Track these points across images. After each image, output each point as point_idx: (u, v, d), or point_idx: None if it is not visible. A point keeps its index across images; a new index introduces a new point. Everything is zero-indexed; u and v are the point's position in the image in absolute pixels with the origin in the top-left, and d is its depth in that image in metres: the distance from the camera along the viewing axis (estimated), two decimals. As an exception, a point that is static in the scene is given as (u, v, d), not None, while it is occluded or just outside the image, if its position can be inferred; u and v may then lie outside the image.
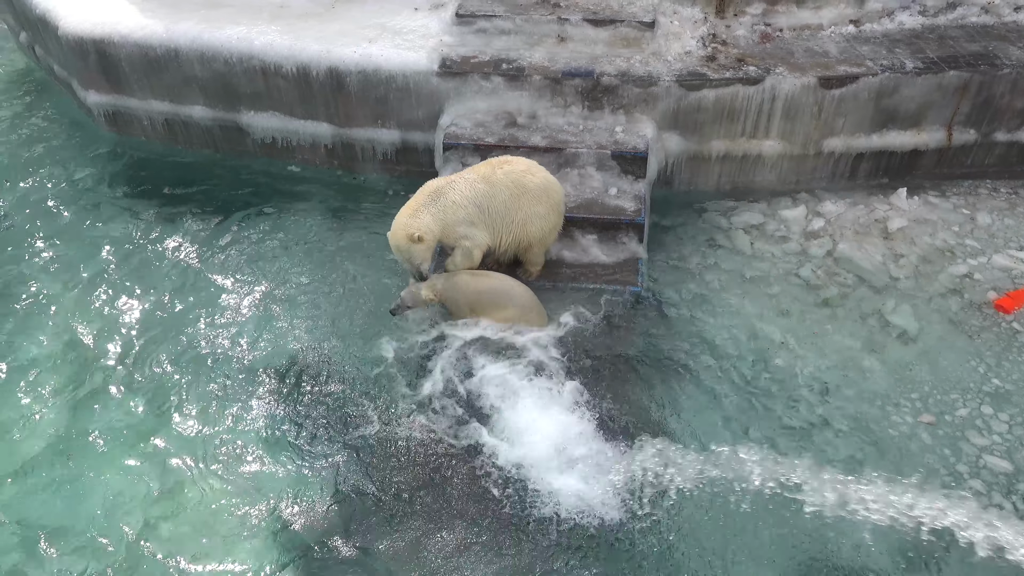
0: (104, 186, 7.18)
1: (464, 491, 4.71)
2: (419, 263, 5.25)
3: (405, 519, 4.61)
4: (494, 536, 4.51)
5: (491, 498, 4.66)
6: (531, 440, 4.86)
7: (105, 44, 6.98)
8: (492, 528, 4.54)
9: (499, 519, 4.57)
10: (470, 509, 4.63)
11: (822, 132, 6.42)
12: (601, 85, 6.26)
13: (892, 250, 6.09)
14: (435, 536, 4.53)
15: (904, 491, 4.53)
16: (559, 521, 4.51)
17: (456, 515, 4.61)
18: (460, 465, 4.82)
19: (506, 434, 4.91)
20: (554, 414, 5.01)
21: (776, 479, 4.63)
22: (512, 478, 4.72)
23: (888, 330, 5.54)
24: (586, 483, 4.66)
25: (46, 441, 5.08)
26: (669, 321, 5.68)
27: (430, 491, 4.73)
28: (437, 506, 4.66)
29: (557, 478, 4.69)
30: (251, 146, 7.28)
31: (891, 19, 6.74)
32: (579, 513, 4.54)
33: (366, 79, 6.51)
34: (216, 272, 6.23)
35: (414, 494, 4.72)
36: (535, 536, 4.48)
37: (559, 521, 4.51)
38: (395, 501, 4.70)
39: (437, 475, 4.79)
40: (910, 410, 5.03)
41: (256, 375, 5.45)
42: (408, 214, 5.24)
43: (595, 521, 4.50)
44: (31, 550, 4.56)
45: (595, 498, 4.59)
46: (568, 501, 4.59)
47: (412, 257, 5.22)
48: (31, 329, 5.83)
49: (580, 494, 4.61)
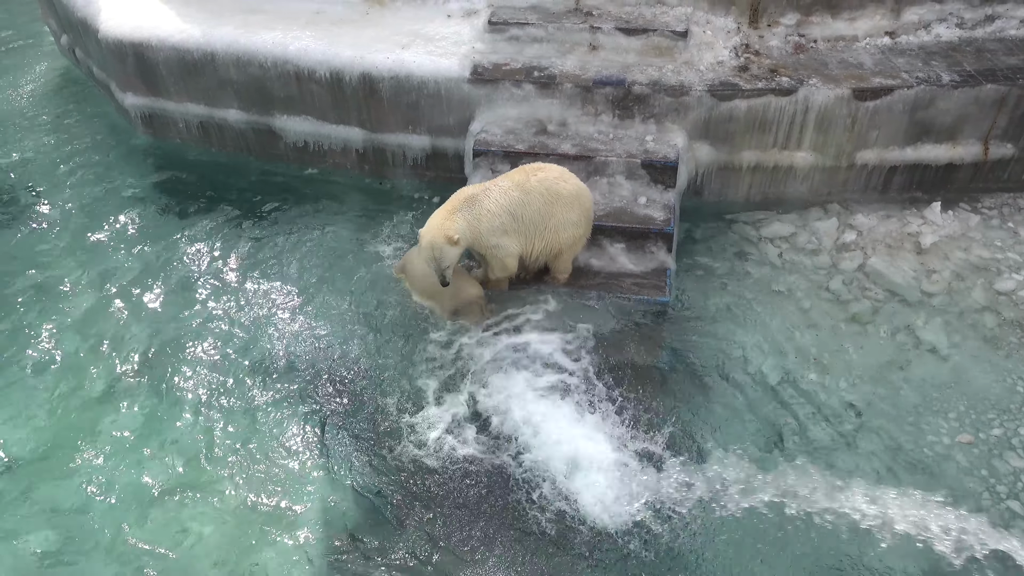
0: (138, 186, 7.29)
1: (484, 498, 4.71)
2: (447, 265, 5.28)
3: (424, 526, 4.62)
4: (514, 545, 4.51)
5: (512, 506, 4.66)
6: (554, 449, 4.85)
7: (143, 47, 7.10)
8: (511, 537, 4.54)
9: (519, 527, 4.56)
10: (490, 516, 4.63)
11: (855, 144, 6.36)
12: (632, 94, 6.26)
13: (925, 265, 6.01)
14: (454, 544, 4.53)
15: (938, 511, 4.46)
16: (581, 532, 4.50)
17: (476, 522, 4.61)
18: (481, 472, 4.83)
19: (528, 442, 4.90)
20: (577, 423, 5.00)
21: (804, 495, 4.59)
22: (533, 487, 4.71)
23: (920, 346, 5.47)
24: (609, 494, 4.64)
25: (71, 434, 5.18)
26: (696, 332, 5.64)
27: (450, 498, 4.73)
28: (457, 514, 4.67)
29: (580, 488, 4.68)
30: (283, 149, 7.36)
31: (928, 31, 6.66)
32: (601, 524, 4.52)
33: (398, 85, 6.56)
34: (245, 273, 6.30)
35: (434, 501, 4.73)
36: (555, 546, 4.47)
37: (581, 532, 4.50)
38: (415, 506, 4.71)
39: (457, 482, 4.80)
40: (945, 428, 4.95)
41: (281, 378, 5.50)
42: (444, 215, 5.27)
43: (617, 532, 4.48)
44: (53, 542, 4.65)
45: (618, 509, 4.57)
46: (590, 511, 4.57)
47: (443, 258, 5.24)
48: (62, 324, 5.94)
49: (602, 504, 4.60)
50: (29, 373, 5.59)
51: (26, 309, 6.07)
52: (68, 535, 4.67)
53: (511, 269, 5.55)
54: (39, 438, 5.17)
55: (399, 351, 5.58)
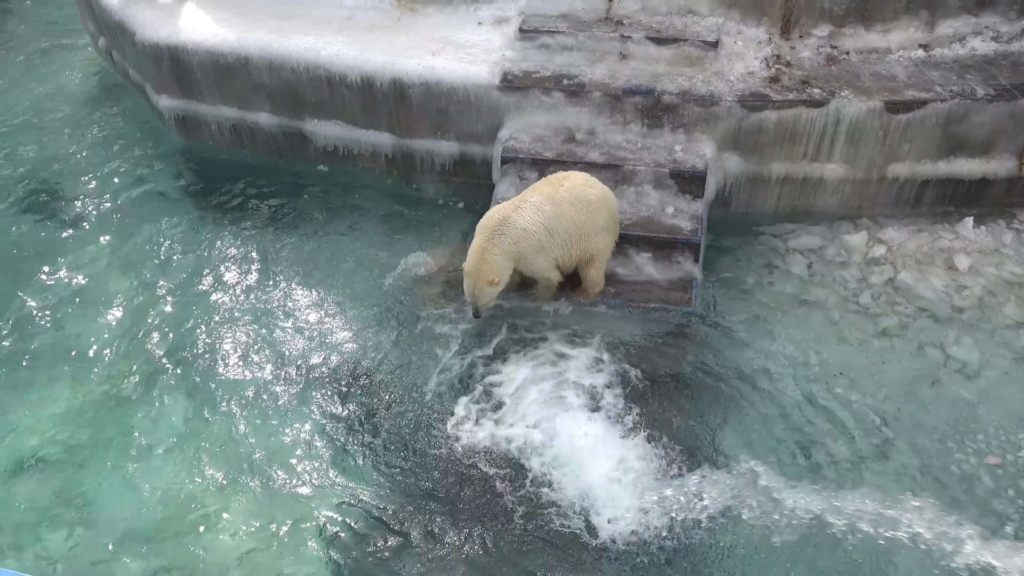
0: (171, 187, 7.40)
1: (503, 503, 4.72)
2: (485, 303, 5.39)
3: (440, 529, 4.64)
4: (531, 552, 4.51)
5: (531, 513, 4.66)
6: (573, 456, 4.85)
7: (179, 51, 7.21)
8: (529, 544, 4.54)
9: (538, 534, 4.56)
10: (508, 522, 4.64)
11: (887, 157, 6.30)
12: (662, 103, 6.25)
13: (956, 280, 5.93)
14: (469, 547, 4.54)
15: (964, 532, 4.40)
16: (598, 540, 4.49)
17: (493, 527, 4.62)
18: (500, 476, 4.83)
19: (550, 450, 4.90)
20: (600, 432, 4.99)
21: (828, 510, 4.54)
22: (554, 493, 4.71)
23: (950, 363, 5.40)
24: (628, 502, 4.63)
25: (102, 432, 5.25)
26: (722, 343, 5.61)
27: (466, 501, 4.75)
28: (473, 517, 4.68)
29: (599, 496, 4.67)
30: (313, 153, 7.43)
31: (962, 44, 6.59)
32: (619, 533, 4.51)
33: (428, 91, 6.61)
34: (272, 275, 6.37)
35: (450, 504, 4.75)
36: (572, 553, 4.47)
37: (598, 540, 4.49)
38: (432, 510, 4.73)
39: (475, 486, 4.81)
40: (973, 448, 4.88)
41: (306, 380, 5.54)
42: (482, 251, 5.27)
43: (635, 542, 4.47)
44: (80, 537, 4.73)
45: (637, 518, 4.55)
46: (609, 519, 4.57)
47: (481, 296, 5.35)
48: (94, 322, 6.04)
49: (622, 512, 4.59)
50: (63, 370, 5.68)
51: (60, 306, 6.18)
52: (95, 532, 4.75)
53: (555, 283, 5.64)
54: (70, 435, 5.26)
55: (421, 354, 5.61)
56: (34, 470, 5.07)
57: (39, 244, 6.79)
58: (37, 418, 5.37)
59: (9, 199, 7.30)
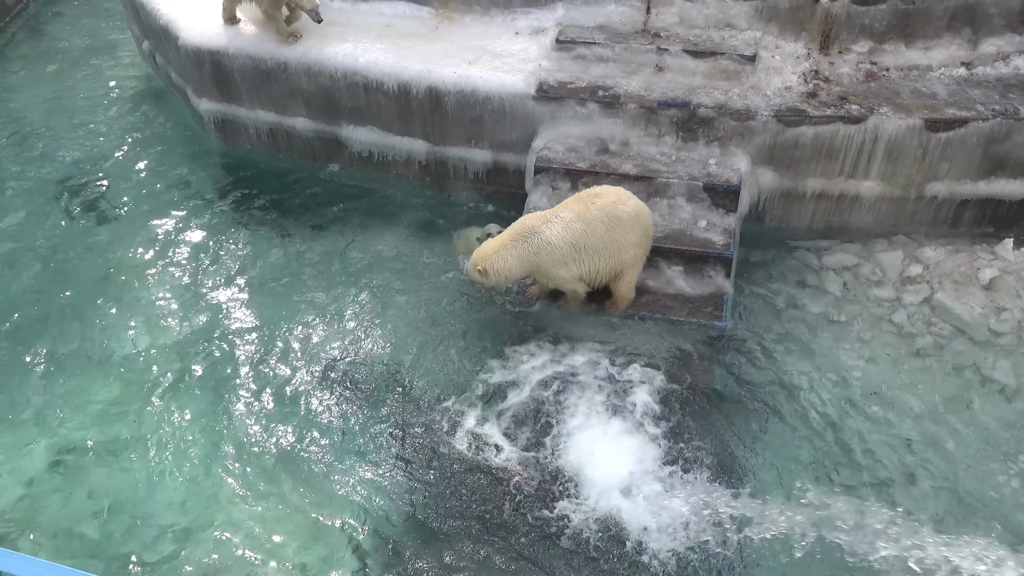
0: (209, 189, 7.51)
1: (523, 510, 4.72)
2: (487, 289, 5.52)
3: (458, 534, 4.65)
4: (550, 560, 4.50)
5: (551, 520, 4.65)
6: (599, 467, 4.85)
7: (220, 55, 7.33)
8: (548, 551, 4.53)
9: (556, 542, 4.55)
10: (526, 529, 4.64)
11: (925, 176, 6.21)
12: (697, 116, 6.23)
13: (994, 302, 5.82)
14: (485, 553, 4.55)
15: (998, 556, 4.30)
16: (619, 551, 4.48)
17: (512, 534, 4.63)
18: (521, 484, 4.84)
19: (572, 459, 4.90)
20: (626, 444, 4.98)
21: (857, 531, 4.47)
22: (576, 503, 4.70)
23: (987, 386, 5.30)
24: (650, 516, 4.60)
25: (129, 427, 5.35)
26: (752, 359, 5.56)
27: (486, 507, 4.76)
28: (492, 524, 4.68)
29: (621, 507, 4.66)
30: (348, 158, 7.51)
31: (1006, 63, 6.49)
32: (641, 545, 4.49)
33: (463, 99, 6.65)
34: (304, 278, 6.44)
35: (470, 509, 4.76)
36: (592, 563, 4.45)
37: (619, 551, 4.48)
38: (452, 514, 4.75)
39: (495, 492, 4.82)
40: (1013, 471, 4.77)
41: (332, 381, 5.59)
42: (498, 246, 5.36)
43: (657, 555, 4.44)
44: (108, 531, 4.82)
45: (659, 531, 4.52)
46: (631, 531, 4.56)
47: (474, 280, 5.48)
48: (129, 322, 6.14)
49: (643, 525, 4.57)
50: (96, 368, 5.78)
51: (95, 306, 6.29)
52: (122, 524, 4.82)
53: (582, 294, 5.66)
54: (98, 429, 5.36)
55: (449, 359, 5.65)
56: (66, 466, 5.16)
57: (79, 243, 6.92)
58: (74, 415, 5.46)
59: (50, 199, 7.46)
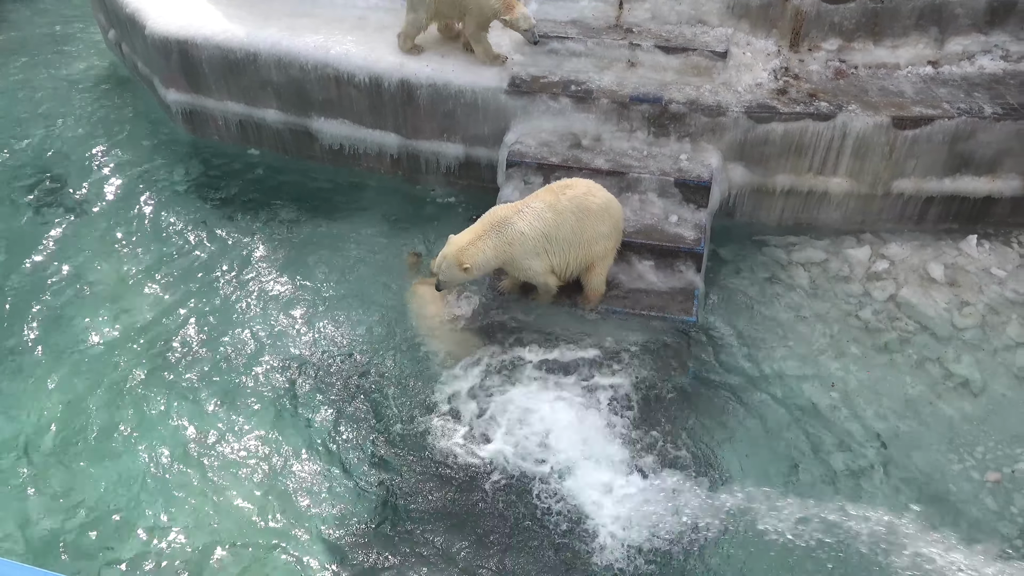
0: (176, 181, 7.40)
1: (497, 507, 4.71)
2: (448, 284, 5.39)
3: (434, 533, 4.63)
4: (523, 556, 4.50)
5: (524, 517, 4.65)
6: (571, 463, 4.84)
7: (188, 45, 7.22)
8: (522, 548, 4.53)
9: (530, 539, 4.55)
10: (501, 526, 4.63)
11: (892, 173, 6.30)
12: (668, 112, 6.25)
13: (958, 297, 5.92)
14: (460, 551, 4.54)
15: (959, 547, 4.38)
16: (593, 546, 4.48)
17: (487, 531, 4.62)
18: (495, 481, 4.82)
19: (544, 455, 4.89)
20: (597, 440, 4.98)
21: (823, 523, 4.52)
22: (547, 499, 4.70)
23: (950, 380, 5.38)
24: (624, 510, 4.62)
25: (94, 424, 5.26)
26: (722, 354, 5.60)
27: (461, 505, 4.75)
28: (467, 521, 4.67)
29: (595, 502, 4.66)
30: (319, 151, 7.44)
31: (971, 62, 6.59)
32: (614, 540, 4.50)
33: (436, 93, 6.62)
34: (272, 272, 6.36)
35: (446, 508, 4.74)
36: (567, 559, 4.45)
37: (593, 546, 4.48)
38: (427, 512, 4.73)
39: (469, 490, 4.81)
40: (972, 464, 4.86)
41: (302, 379, 5.54)
42: (472, 237, 5.28)
43: (630, 550, 4.46)
44: (72, 524, 4.75)
45: (632, 526, 4.54)
46: (603, 526, 4.56)
47: (450, 278, 5.32)
48: (90, 314, 6.04)
49: (616, 520, 4.58)
50: (64, 361, 5.67)
51: (59, 298, 6.18)
52: (85, 521, 4.74)
53: (553, 288, 5.62)
54: (61, 426, 5.25)
55: (420, 358, 5.61)
56: (34, 460, 5.07)
57: (42, 234, 6.79)
58: (39, 410, 5.36)
59: (14, 188, 7.31)
